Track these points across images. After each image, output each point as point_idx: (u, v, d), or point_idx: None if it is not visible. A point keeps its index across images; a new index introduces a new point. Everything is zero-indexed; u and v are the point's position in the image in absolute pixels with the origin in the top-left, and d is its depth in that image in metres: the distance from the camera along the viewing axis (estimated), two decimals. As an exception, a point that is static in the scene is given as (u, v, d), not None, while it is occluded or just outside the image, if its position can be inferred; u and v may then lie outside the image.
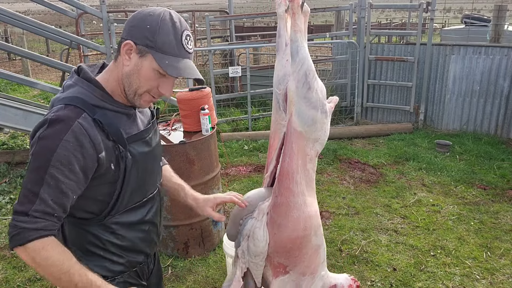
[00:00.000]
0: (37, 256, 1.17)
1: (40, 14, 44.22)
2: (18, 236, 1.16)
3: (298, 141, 1.47)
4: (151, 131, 1.43)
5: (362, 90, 7.09)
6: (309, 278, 1.62)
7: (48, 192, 1.17)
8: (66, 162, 1.17)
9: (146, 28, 1.22)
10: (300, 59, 1.43)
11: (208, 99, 3.38)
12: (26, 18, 5.76)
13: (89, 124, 1.21)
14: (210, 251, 3.56)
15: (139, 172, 1.36)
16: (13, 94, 9.01)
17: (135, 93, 1.28)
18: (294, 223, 1.49)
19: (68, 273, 1.18)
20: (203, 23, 11.67)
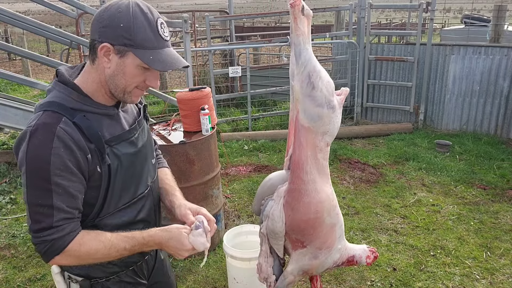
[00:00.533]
0: (80, 254, 1.23)
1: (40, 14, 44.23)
2: (53, 247, 1.20)
3: (307, 135, 1.60)
4: (137, 131, 1.40)
5: (362, 90, 7.10)
6: (325, 251, 1.78)
7: (61, 200, 1.19)
8: (64, 168, 1.18)
9: (119, 27, 1.18)
10: (302, 61, 1.53)
11: (208, 99, 3.38)
12: (26, 18, 5.76)
13: (70, 128, 1.20)
14: (210, 251, 3.56)
15: (126, 173, 1.34)
16: (13, 94, 9.02)
17: (124, 92, 1.27)
18: (306, 208, 1.66)
19: (113, 247, 1.25)
20: (203, 23, 11.67)
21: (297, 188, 1.64)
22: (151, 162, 1.49)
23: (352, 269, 3.31)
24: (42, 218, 1.18)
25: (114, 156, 1.29)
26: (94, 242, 1.24)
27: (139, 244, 1.29)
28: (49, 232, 1.19)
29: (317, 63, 1.55)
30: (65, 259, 1.23)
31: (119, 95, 1.28)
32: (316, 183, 1.65)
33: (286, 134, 6.13)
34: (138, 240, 1.29)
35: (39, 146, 1.16)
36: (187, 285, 3.17)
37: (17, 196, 4.65)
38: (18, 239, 3.82)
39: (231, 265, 2.86)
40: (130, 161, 1.35)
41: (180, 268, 3.36)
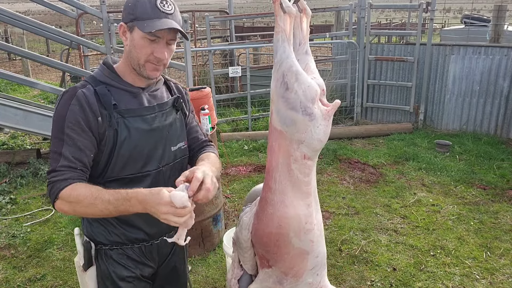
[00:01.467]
0: (70, 198, 1.32)
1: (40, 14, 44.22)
2: (52, 189, 1.34)
3: (279, 139, 1.49)
4: (155, 112, 1.52)
5: (362, 90, 7.10)
6: (291, 279, 1.62)
7: (68, 150, 1.36)
8: (76, 122, 1.37)
9: (128, 6, 1.40)
10: (278, 59, 1.45)
11: (208, 99, 3.38)
12: (26, 18, 5.76)
13: (89, 93, 1.41)
14: (210, 251, 3.56)
15: (133, 145, 1.45)
16: (13, 94, 9.01)
17: (138, 65, 1.43)
18: (268, 219, 1.54)
19: (98, 197, 1.31)
20: (203, 23, 11.68)
21: (264, 196, 1.54)
22: (169, 148, 1.57)
23: (352, 269, 3.31)
24: (53, 162, 1.37)
25: (124, 126, 1.44)
26: (83, 189, 1.33)
27: (122, 199, 1.29)
28: (53, 175, 1.35)
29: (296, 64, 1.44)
30: (62, 204, 1.34)
31: (137, 69, 1.45)
32: (284, 195, 1.51)
33: (286, 134, 6.14)
34: (122, 194, 1.30)
35: (62, 104, 1.39)
36: (187, 285, 3.17)
37: (17, 196, 4.65)
38: (18, 239, 3.82)
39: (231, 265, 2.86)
40: (140, 136, 1.47)
41: (180, 268, 3.36)
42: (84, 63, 7.06)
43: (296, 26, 1.57)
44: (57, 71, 10.01)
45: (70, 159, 1.36)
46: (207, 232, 3.54)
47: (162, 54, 1.42)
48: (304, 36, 1.56)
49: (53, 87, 6.03)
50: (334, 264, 3.36)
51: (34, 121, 5.24)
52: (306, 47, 1.57)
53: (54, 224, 4.07)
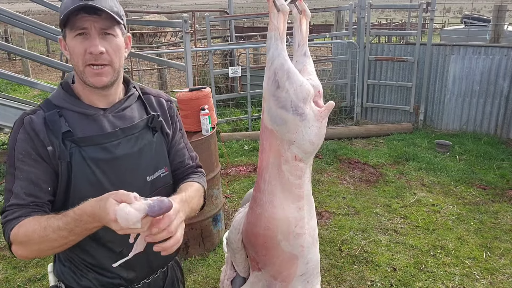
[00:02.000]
0: (20, 238, 1.15)
1: (40, 14, 44.23)
2: (4, 232, 1.19)
3: (270, 138, 1.46)
4: (118, 138, 1.29)
5: (362, 90, 7.10)
6: (280, 284, 1.59)
7: (20, 185, 1.20)
8: (25, 153, 1.21)
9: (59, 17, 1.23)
10: (270, 57, 1.42)
11: (208, 99, 3.38)
12: (26, 18, 5.76)
13: (38, 119, 1.23)
14: (210, 251, 3.56)
15: (92, 180, 1.24)
16: (13, 94, 9.02)
17: (81, 73, 1.24)
18: (256, 219, 1.51)
19: (48, 227, 1.12)
20: (203, 23, 11.68)
21: (254, 196, 1.52)
22: (143, 178, 1.34)
23: (352, 269, 3.31)
24: (4, 201, 1.23)
25: (80, 157, 1.23)
26: (32, 223, 1.14)
27: (73, 220, 1.09)
28: (4, 215, 1.20)
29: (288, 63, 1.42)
30: (17, 247, 1.17)
31: (82, 79, 1.25)
32: (273, 196, 1.47)
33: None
34: (70, 215, 1.10)
35: (12, 133, 1.25)
36: (187, 285, 3.17)
37: (17, 196, 4.65)
38: (18, 239, 3.82)
39: (231, 265, 2.86)
40: (99, 168, 1.25)
41: (180, 268, 3.36)
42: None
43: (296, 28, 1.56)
44: (57, 71, 10.02)
45: (20, 195, 1.19)
46: (207, 232, 3.54)
47: (94, 47, 1.18)
48: (303, 37, 1.53)
49: (53, 87, 6.03)
50: (334, 264, 3.36)
51: (34, 121, 5.23)
52: (305, 49, 1.54)
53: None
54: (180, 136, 1.50)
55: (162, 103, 1.46)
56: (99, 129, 1.27)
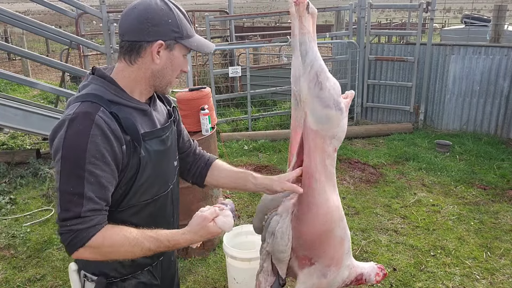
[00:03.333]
0: (103, 247, 1.21)
1: (40, 14, 44.22)
2: (77, 238, 1.18)
3: (315, 139, 1.52)
4: (168, 130, 1.43)
5: (362, 90, 7.10)
6: (334, 268, 1.68)
7: (92, 190, 1.19)
8: (99, 156, 1.18)
9: (169, 23, 1.27)
10: (309, 60, 1.47)
11: (208, 99, 3.38)
12: (26, 18, 5.76)
13: (108, 118, 1.22)
14: (210, 251, 3.56)
15: (152, 170, 1.35)
16: (13, 94, 9.01)
17: (167, 84, 1.35)
18: (315, 219, 1.57)
19: (137, 245, 1.24)
20: (203, 23, 11.67)
21: (306, 199, 1.55)
22: (173, 164, 1.51)
23: (352, 269, 3.30)
24: (72, 206, 1.17)
25: (146, 151, 1.31)
26: (118, 237, 1.22)
27: (164, 247, 1.28)
28: (76, 221, 1.17)
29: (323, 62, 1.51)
30: (88, 252, 1.20)
31: (162, 87, 1.36)
32: (325, 192, 1.57)
33: (286, 134, 6.16)
34: (164, 243, 1.27)
35: (77, 133, 1.17)
36: (187, 285, 3.17)
37: (16, 197, 4.64)
38: (18, 239, 3.81)
39: (231, 265, 2.86)
40: (158, 159, 1.37)
41: (180, 268, 3.36)
42: (84, 63, 7.06)
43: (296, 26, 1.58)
44: (57, 71, 10.01)
45: (95, 200, 1.19)
46: (207, 232, 3.53)
47: (187, 67, 1.39)
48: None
49: (53, 87, 6.03)
50: (334, 264, 3.35)
51: (34, 121, 5.23)
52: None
53: (54, 224, 4.07)
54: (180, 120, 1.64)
55: (170, 97, 1.61)
56: (153, 124, 1.37)
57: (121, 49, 1.30)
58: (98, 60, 12.25)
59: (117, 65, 1.34)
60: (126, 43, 1.28)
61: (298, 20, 1.48)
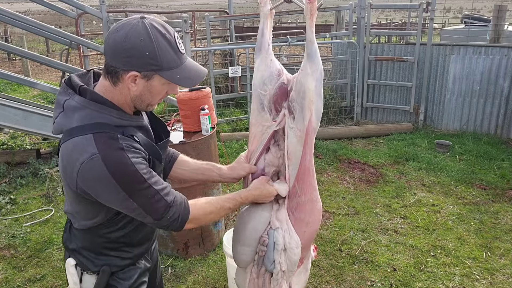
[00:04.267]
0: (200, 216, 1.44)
1: (40, 14, 44.20)
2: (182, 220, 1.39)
3: (313, 137, 1.54)
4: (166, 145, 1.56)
5: (362, 90, 7.09)
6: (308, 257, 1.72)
7: (159, 187, 1.33)
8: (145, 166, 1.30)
9: (145, 56, 1.22)
10: (318, 59, 1.49)
11: (208, 99, 3.37)
12: (26, 18, 5.76)
13: (129, 141, 1.29)
14: (210, 251, 3.56)
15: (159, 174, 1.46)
16: (13, 94, 9.01)
17: (148, 105, 1.37)
18: (318, 215, 1.61)
19: (221, 208, 1.50)
20: (203, 23, 11.68)
21: (309, 198, 1.55)
22: None
23: (352, 269, 3.31)
24: (158, 205, 1.32)
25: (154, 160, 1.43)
26: (207, 205, 1.47)
27: (239, 203, 1.55)
28: (171, 210, 1.35)
29: None
30: (191, 223, 1.42)
31: (142, 108, 1.37)
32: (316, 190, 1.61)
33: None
34: (238, 200, 1.55)
35: (120, 164, 1.24)
36: (187, 285, 3.17)
37: (16, 197, 4.64)
38: (18, 239, 3.81)
39: (231, 265, 2.86)
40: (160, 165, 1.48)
41: (180, 268, 3.36)
42: (84, 63, 7.06)
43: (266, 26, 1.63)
44: (57, 71, 9.99)
45: (167, 190, 1.36)
46: (207, 232, 3.53)
47: (176, 91, 1.38)
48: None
49: (53, 87, 6.03)
50: (334, 264, 3.35)
51: (34, 121, 5.23)
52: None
53: (54, 224, 4.07)
54: None
55: None
56: (150, 135, 1.44)
57: (105, 67, 1.29)
58: (98, 60, 12.24)
59: (102, 81, 1.32)
60: (107, 64, 1.27)
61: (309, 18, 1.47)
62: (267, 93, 1.56)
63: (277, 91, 1.55)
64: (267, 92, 1.55)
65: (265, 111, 1.57)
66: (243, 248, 1.62)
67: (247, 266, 1.65)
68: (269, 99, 1.56)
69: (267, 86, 1.56)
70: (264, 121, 1.57)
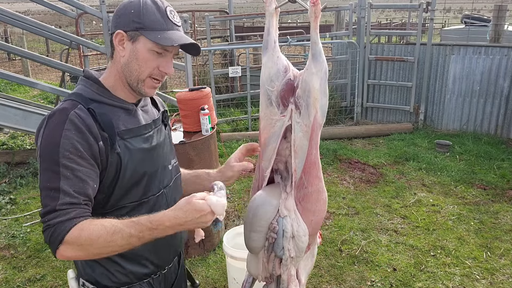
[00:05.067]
0: (81, 241, 1.13)
1: (40, 14, 44.21)
2: (55, 233, 1.13)
3: (318, 132, 1.58)
4: (152, 129, 1.39)
5: (362, 90, 7.09)
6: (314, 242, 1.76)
7: (68, 184, 1.16)
8: (73, 150, 1.17)
9: (131, 13, 1.24)
10: (323, 59, 1.52)
11: (208, 99, 3.37)
12: (26, 18, 5.76)
13: (84, 114, 1.21)
14: (210, 251, 3.56)
15: (136, 169, 1.30)
16: (13, 94, 9.01)
17: (137, 80, 1.28)
18: (324, 205, 1.65)
19: (117, 233, 1.14)
20: (203, 23, 11.68)
21: (315, 189, 1.60)
22: (167, 166, 1.45)
23: (352, 269, 3.30)
24: (49, 201, 1.15)
25: (126, 149, 1.28)
26: (96, 227, 1.14)
27: (147, 229, 1.15)
28: (53, 215, 1.14)
29: None
30: (70, 249, 1.13)
31: (133, 85, 1.30)
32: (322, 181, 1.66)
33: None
34: (145, 225, 1.15)
35: (52, 129, 1.18)
36: (187, 285, 3.16)
37: (16, 197, 4.64)
38: (18, 239, 3.81)
39: (231, 265, 2.86)
40: (142, 157, 1.32)
41: (180, 268, 3.36)
42: (84, 63, 7.06)
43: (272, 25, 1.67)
44: (57, 71, 10.00)
45: (71, 194, 1.15)
46: (207, 232, 3.52)
47: (169, 69, 1.30)
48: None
49: (53, 87, 6.03)
50: (334, 264, 3.35)
51: (34, 121, 5.23)
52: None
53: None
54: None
55: (162, 102, 1.58)
56: (137, 122, 1.34)
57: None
58: (98, 60, 12.25)
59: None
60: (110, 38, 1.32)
61: (313, 20, 1.51)
62: (275, 89, 1.59)
63: (284, 87, 1.58)
64: (275, 88, 1.59)
65: (273, 106, 1.60)
66: (254, 235, 1.65)
67: (258, 252, 1.69)
68: (277, 95, 1.60)
69: (274, 82, 1.59)
70: (273, 115, 1.61)
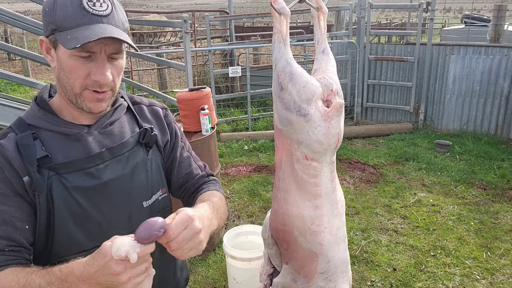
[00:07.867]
0: None
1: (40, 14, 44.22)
2: None
3: (281, 138, 1.51)
4: (104, 159, 1.10)
5: (362, 90, 7.10)
6: (303, 279, 1.64)
7: None
8: None
9: (45, 13, 1.00)
10: (273, 60, 1.46)
11: (208, 99, 3.38)
12: (26, 18, 5.75)
13: (10, 144, 1.02)
14: (210, 251, 3.56)
15: (79, 212, 1.06)
16: (13, 94, 9.01)
17: (74, 95, 1.04)
18: (273, 215, 1.57)
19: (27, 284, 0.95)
20: (203, 23, 11.68)
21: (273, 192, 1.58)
22: (139, 204, 1.17)
23: (352, 269, 3.30)
24: None
25: (61, 186, 1.04)
26: (9, 278, 0.95)
27: (57, 279, 0.92)
28: None
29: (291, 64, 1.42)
30: None
31: (73, 101, 1.05)
32: (287, 193, 1.51)
33: (286, 134, 6.14)
34: (55, 274, 0.93)
35: None
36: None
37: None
38: (18, 239, 3.81)
39: (231, 265, 2.86)
40: (85, 197, 1.06)
41: (180, 268, 3.36)
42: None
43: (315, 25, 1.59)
44: (57, 71, 10.00)
45: None
46: (207, 232, 3.53)
47: (102, 75, 1.01)
48: (322, 34, 1.54)
49: (53, 87, 6.03)
50: (334, 264, 3.35)
51: (34, 121, 5.23)
52: (323, 46, 1.54)
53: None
54: (183, 146, 1.32)
55: (157, 111, 1.28)
56: (83, 151, 1.08)
57: None
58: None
59: None
60: None
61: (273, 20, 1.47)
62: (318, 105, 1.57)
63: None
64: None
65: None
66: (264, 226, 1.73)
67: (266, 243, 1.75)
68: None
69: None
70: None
